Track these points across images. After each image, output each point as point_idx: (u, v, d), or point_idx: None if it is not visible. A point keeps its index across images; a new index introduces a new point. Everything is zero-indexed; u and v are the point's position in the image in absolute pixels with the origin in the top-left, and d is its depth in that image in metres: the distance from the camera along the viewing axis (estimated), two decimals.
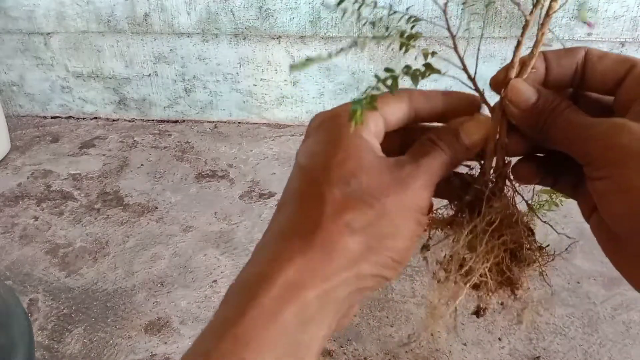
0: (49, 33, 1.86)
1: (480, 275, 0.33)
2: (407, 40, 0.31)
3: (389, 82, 0.29)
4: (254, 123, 1.95)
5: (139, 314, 1.20)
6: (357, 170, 0.29)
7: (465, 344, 1.10)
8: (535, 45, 0.31)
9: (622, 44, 1.67)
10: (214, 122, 1.96)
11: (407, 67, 0.31)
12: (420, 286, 1.23)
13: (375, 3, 0.32)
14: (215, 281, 1.28)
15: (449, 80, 0.31)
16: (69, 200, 1.57)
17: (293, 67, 0.29)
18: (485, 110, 0.33)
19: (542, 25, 0.31)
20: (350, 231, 0.28)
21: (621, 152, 0.26)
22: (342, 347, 1.10)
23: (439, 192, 0.32)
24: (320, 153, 0.30)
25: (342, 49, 0.31)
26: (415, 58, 0.32)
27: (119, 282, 1.29)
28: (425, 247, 0.35)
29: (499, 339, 1.11)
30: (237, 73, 1.86)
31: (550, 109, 0.29)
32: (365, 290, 0.29)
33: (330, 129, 0.30)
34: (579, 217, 0.36)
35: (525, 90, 0.30)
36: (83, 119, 2.02)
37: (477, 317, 0.35)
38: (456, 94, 0.32)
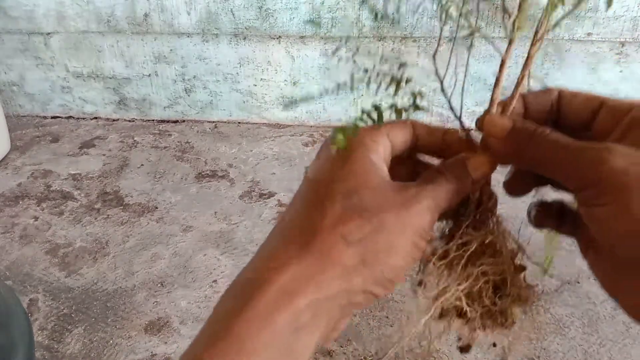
0: (49, 33, 1.86)
1: (456, 299, 0.34)
2: (397, 84, 0.33)
3: (374, 114, 0.32)
4: (254, 123, 1.95)
5: (139, 314, 1.20)
6: (360, 186, 0.30)
7: None
8: (516, 87, 0.32)
9: (622, 44, 1.67)
10: (214, 122, 1.96)
11: (393, 104, 0.33)
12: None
13: (367, 70, 0.34)
14: (215, 281, 1.28)
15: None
16: (69, 200, 1.57)
17: (285, 107, 0.31)
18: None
19: (523, 68, 0.32)
20: (346, 243, 0.28)
21: (623, 176, 0.26)
22: (342, 346, 1.10)
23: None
24: (328, 169, 0.31)
25: (332, 90, 0.32)
26: (402, 97, 0.35)
27: (119, 282, 1.29)
28: (420, 284, 0.35)
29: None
30: (237, 73, 1.86)
31: (530, 133, 0.30)
32: (355, 306, 0.30)
33: (338, 149, 0.32)
34: None
35: (500, 120, 0.32)
36: (83, 119, 2.02)
37: (461, 352, 0.35)
38: (456, 134, 0.34)
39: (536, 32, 0.31)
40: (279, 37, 1.77)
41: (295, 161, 1.73)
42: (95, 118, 2.02)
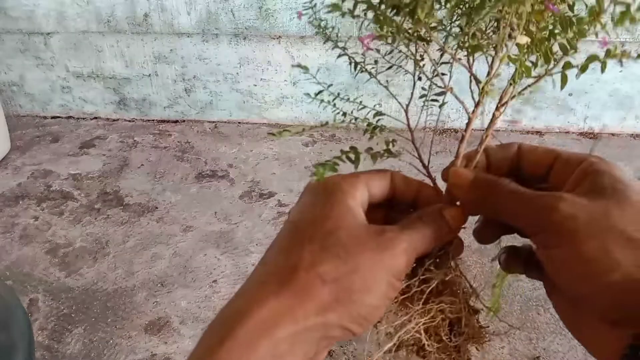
0: (49, 33, 1.86)
1: (416, 332, 0.36)
2: (372, 130, 0.37)
3: (352, 156, 0.35)
4: (254, 123, 1.95)
5: (139, 314, 1.20)
6: (337, 228, 0.32)
7: None
8: (480, 144, 0.35)
9: (622, 44, 1.67)
10: (214, 122, 1.96)
11: (369, 148, 0.36)
12: None
13: (348, 98, 0.37)
14: (215, 281, 1.28)
15: (402, 163, 0.37)
16: (69, 200, 1.57)
17: (275, 135, 0.34)
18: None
19: (487, 127, 0.35)
20: (322, 282, 0.30)
21: (572, 221, 0.29)
22: (342, 347, 1.10)
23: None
24: (308, 212, 0.34)
25: (314, 126, 0.36)
26: (377, 144, 0.38)
27: (119, 282, 1.29)
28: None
29: (500, 338, 1.11)
30: (237, 73, 1.86)
31: (490, 183, 0.33)
32: (332, 339, 0.32)
33: (319, 194, 0.34)
34: None
35: (463, 172, 0.35)
36: (83, 119, 2.02)
37: None
38: (430, 187, 0.37)
39: (501, 98, 0.33)
40: (279, 37, 1.77)
41: (295, 161, 1.73)
42: (95, 118, 2.02)
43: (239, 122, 1.95)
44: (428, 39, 0.32)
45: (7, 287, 0.80)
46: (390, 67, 0.33)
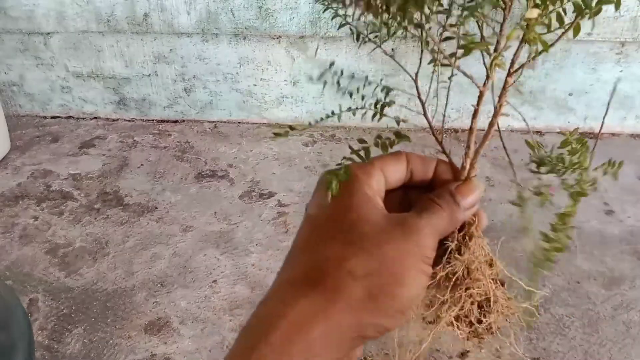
0: (49, 33, 1.86)
1: (448, 324, 0.36)
2: (381, 109, 0.35)
3: (362, 152, 0.33)
4: (254, 123, 1.95)
5: (139, 314, 1.20)
6: (359, 220, 0.31)
7: (465, 344, 1.10)
8: (494, 117, 0.34)
9: (622, 44, 1.67)
10: (214, 122, 1.96)
11: (379, 137, 0.35)
12: None
13: (353, 75, 0.35)
14: (215, 281, 1.28)
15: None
16: (69, 200, 1.57)
17: (276, 135, 0.33)
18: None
19: (499, 97, 0.34)
20: (353, 278, 0.29)
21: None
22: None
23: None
24: (326, 205, 0.32)
25: (322, 119, 0.34)
26: (387, 126, 0.36)
27: (119, 282, 1.29)
28: None
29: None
30: (237, 73, 1.86)
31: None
32: (365, 338, 0.31)
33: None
34: (578, 216, 0.36)
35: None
36: (83, 118, 2.02)
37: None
38: (446, 163, 0.36)
39: (512, 63, 0.32)
40: (279, 37, 1.77)
41: (295, 161, 1.73)
42: (95, 118, 2.02)
43: (239, 122, 1.95)
44: (426, 22, 0.30)
45: (7, 287, 0.80)
46: (394, 34, 0.31)
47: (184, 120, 1.98)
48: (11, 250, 1.39)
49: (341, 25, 0.34)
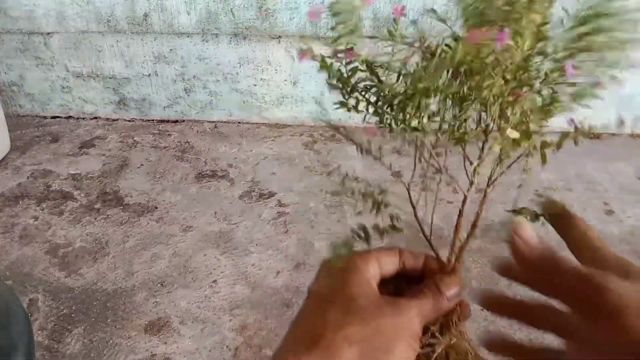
0: (49, 33, 1.86)
1: None
2: (378, 207, 0.41)
3: (362, 235, 0.39)
4: (254, 123, 1.95)
5: (139, 314, 1.20)
6: (357, 295, 0.36)
7: None
8: (476, 219, 0.40)
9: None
10: (214, 122, 1.96)
11: (376, 225, 0.40)
12: None
13: (357, 178, 0.41)
14: (215, 281, 1.28)
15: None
16: (69, 200, 1.57)
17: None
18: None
19: (480, 204, 0.40)
20: (349, 343, 0.33)
21: (619, 299, 0.32)
22: None
23: None
24: (327, 283, 0.38)
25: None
26: (382, 219, 0.42)
27: (119, 282, 1.29)
28: None
29: None
30: (237, 73, 1.86)
31: (557, 260, 0.36)
32: None
33: (335, 269, 0.38)
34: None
35: (532, 244, 0.38)
36: (83, 118, 2.02)
37: None
38: (433, 259, 0.41)
39: (490, 177, 0.38)
40: (279, 37, 1.77)
41: (295, 161, 1.73)
42: (95, 118, 2.02)
43: (239, 122, 1.95)
44: (421, 129, 0.36)
45: (7, 287, 0.80)
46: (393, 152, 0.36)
47: (184, 120, 1.98)
48: (11, 250, 1.39)
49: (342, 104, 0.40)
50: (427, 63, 0.32)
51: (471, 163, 0.36)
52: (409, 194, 0.42)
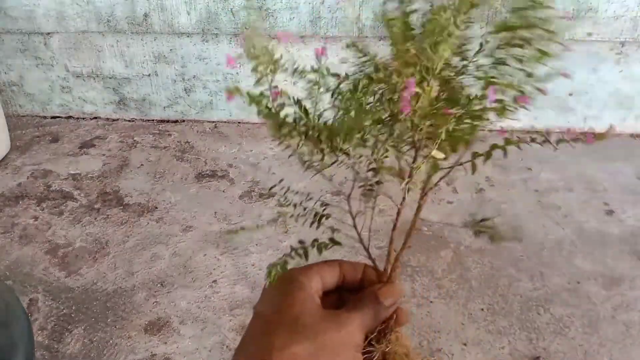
0: (48, 33, 1.86)
1: None
2: (319, 220, 0.43)
3: (301, 251, 0.41)
4: (254, 123, 1.95)
5: (139, 314, 1.20)
6: (300, 314, 0.37)
7: (465, 344, 1.10)
8: (410, 229, 0.43)
9: (622, 44, 1.67)
10: (214, 122, 1.96)
11: (315, 240, 0.42)
12: (420, 287, 1.23)
13: (297, 191, 0.44)
14: (215, 281, 1.28)
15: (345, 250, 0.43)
16: (69, 200, 1.57)
17: (229, 233, 0.41)
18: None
19: (414, 215, 0.42)
20: None
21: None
22: None
23: None
24: (272, 303, 0.39)
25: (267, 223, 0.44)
26: (323, 232, 0.44)
27: (119, 282, 1.29)
28: None
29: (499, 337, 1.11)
30: (237, 73, 1.86)
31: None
32: None
33: (280, 286, 0.40)
34: (578, 217, 0.38)
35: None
36: (83, 118, 2.02)
37: None
38: (372, 269, 0.43)
39: (423, 189, 0.40)
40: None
41: (295, 161, 1.73)
42: (95, 118, 2.02)
43: (239, 122, 1.95)
44: (350, 154, 0.38)
45: (7, 287, 0.80)
46: (333, 163, 0.40)
47: (184, 120, 1.98)
48: (11, 250, 1.39)
49: (290, 155, 0.43)
50: (351, 97, 0.36)
51: (403, 179, 0.39)
52: (349, 204, 0.43)
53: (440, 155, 0.36)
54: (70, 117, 2.03)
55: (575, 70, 1.72)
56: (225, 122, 1.96)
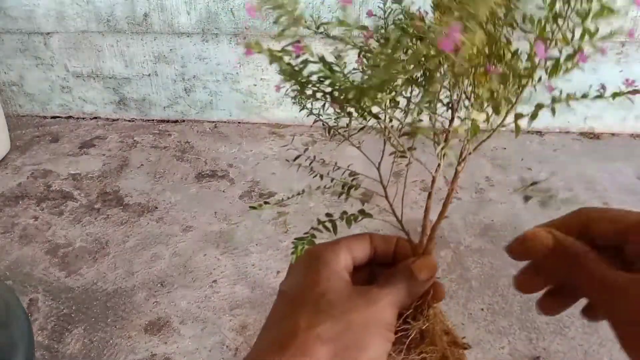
0: (48, 33, 1.86)
1: None
2: (347, 191, 0.40)
3: (329, 225, 0.38)
4: (254, 123, 1.95)
5: (139, 314, 1.20)
6: (327, 291, 0.35)
7: None
8: (447, 198, 0.39)
9: (622, 44, 1.67)
10: (214, 122, 1.96)
11: (344, 212, 0.39)
12: None
13: (323, 160, 0.41)
14: (215, 281, 1.28)
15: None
16: (69, 200, 1.57)
17: (251, 208, 0.38)
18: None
19: (452, 182, 0.38)
20: (321, 341, 0.33)
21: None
22: None
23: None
24: (297, 281, 0.37)
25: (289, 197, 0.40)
26: (352, 205, 0.41)
27: (119, 282, 1.29)
28: None
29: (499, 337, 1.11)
30: (237, 73, 1.86)
31: (572, 254, 0.33)
32: None
33: (306, 264, 0.38)
34: None
35: (543, 236, 0.35)
36: (83, 118, 2.02)
37: None
38: (405, 241, 0.40)
39: (461, 154, 0.37)
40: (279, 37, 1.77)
41: (295, 161, 1.73)
42: (95, 118, 2.02)
43: (239, 122, 1.95)
44: (382, 116, 0.35)
45: (7, 287, 0.80)
46: (362, 129, 0.36)
47: (184, 120, 1.98)
48: (11, 250, 1.39)
49: (315, 121, 0.39)
50: (383, 48, 0.32)
51: (438, 144, 0.36)
52: (378, 171, 0.40)
53: (481, 117, 0.33)
54: (70, 117, 2.03)
55: (575, 71, 1.71)
56: (225, 122, 1.96)
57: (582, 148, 1.76)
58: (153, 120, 1.99)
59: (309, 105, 0.38)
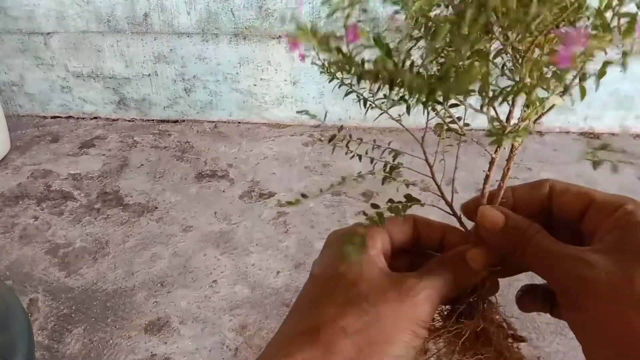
0: (49, 33, 1.86)
1: None
2: (389, 173, 0.36)
3: (376, 218, 0.34)
4: (254, 123, 1.95)
5: (139, 314, 1.20)
6: (359, 280, 0.32)
7: None
8: (502, 179, 0.35)
9: (622, 44, 1.67)
10: (214, 122, 1.96)
11: (390, 200, 0.35)
12: None
13: (361, 140, 0.37)
14: (215, 281, 1.28)
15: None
16: (69, 200, 1.57)
17: (289, 204, 0.33)
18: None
19: (508, 161, 0.35)
20: (345, 335, 0.31)
21: (592, 286, 0.28)
22: None
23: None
24: (329, 265, 0.34)
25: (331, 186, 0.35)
26: (397, 190, 0.37)
27: (119, 282, 1.29)
28: None
29: None
30: (237, 73, 1.86)
31: (520, 232, 0.32)
32: None
33: (338, 247, 0.34)
34: None
35: (492, 214, 0.33)
36: (83, 118, 2.02)
37: None
38: (455, 229, 0.36)
39: (517, 127, 0.34)
40: (279, 36, 1.77)
41: (295, 161, 1.73)
42: (95, 118, 2.02)
43: (239, 122, 1.95)
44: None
45: (7, 287, 0.80)
46: (400, 99, 0.31)
47: (184, 120, 1.98)
48: (11, 250, 1.39)
49: (347, 93, 0.36)
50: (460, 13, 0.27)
51: (501, 122, 0.32)
52: (422, 147, 0.36)
53: (559, 101, 0.30)
54: (70, 117, 2.03)
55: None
56: (225, 122, 1.96)
57: (582, 148, 1.76)
58: (153, 120, 1.99)
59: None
